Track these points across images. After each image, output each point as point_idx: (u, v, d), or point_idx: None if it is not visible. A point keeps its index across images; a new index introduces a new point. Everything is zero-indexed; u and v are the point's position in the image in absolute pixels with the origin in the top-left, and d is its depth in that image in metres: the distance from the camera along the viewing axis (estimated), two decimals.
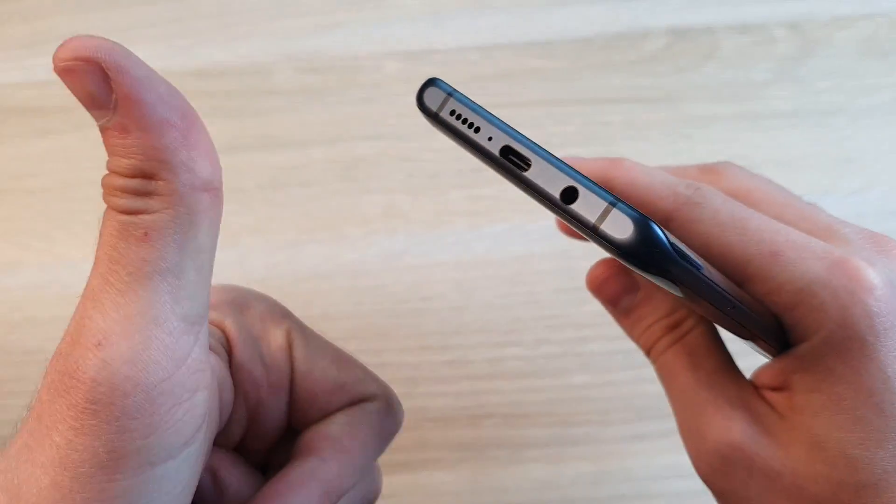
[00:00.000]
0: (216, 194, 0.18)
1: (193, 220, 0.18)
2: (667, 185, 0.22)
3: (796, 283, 0.20)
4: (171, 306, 0.17)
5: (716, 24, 0.42)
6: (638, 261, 0.16)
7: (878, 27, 0.42)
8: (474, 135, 0.19)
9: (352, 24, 0.42)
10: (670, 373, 0.24)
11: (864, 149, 0.41)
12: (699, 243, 0.21)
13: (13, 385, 0.39)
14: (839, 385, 0.20)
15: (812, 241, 0.21)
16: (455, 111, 0.20)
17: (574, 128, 0.41)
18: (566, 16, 0.42)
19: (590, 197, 0.16)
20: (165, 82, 0.18)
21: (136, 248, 0.17)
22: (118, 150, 0.17)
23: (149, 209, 0.17)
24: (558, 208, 0.17)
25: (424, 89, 0.20)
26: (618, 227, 0.16)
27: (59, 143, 0.41)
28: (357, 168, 0.41)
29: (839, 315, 0.19)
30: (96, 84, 0.16)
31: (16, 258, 0.40)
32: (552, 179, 0.17)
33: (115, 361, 0.17)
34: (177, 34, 0.42)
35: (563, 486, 0.38)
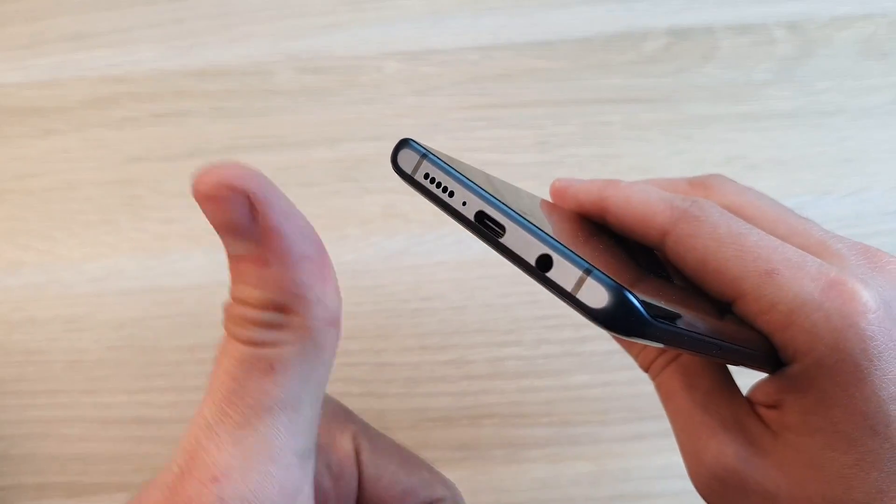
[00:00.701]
0: (340, 328, 0.18)
1: (319, 355, 0.17)
2: (663, 200, 0.22)
3: (789, 303, 0.20)
4: (288, 441, 0.17)
5: (715, 25, 0.42)
6: (615, 328, 0.16)
7: (877, 27, 0.42)
8: (449, 199, 0.19)
9: (352, 25, 0.43)
10: (667, 393, 0.24)
11: (863, 149, 0.41)
12: (695, 258, 0.21)
13: (13, 385, 0.39)
14: (834, 408, 0.20)
15: (808, 260, 0.20)
16: (429, 174, 0.20)
17: (574, 128, 0.41)
18: (566, 16, 0.42)
19: (564, 265, 0.16)
20: (301, 215, 0.18)
21: (259, 381, 0.16)
22: (252, 280, 0.16)
23: (278, 342, 0.16)
24: (534, 275, 0.17)
25: (398, 151, 0.20)
26: (593, 296, 0.16)
27: (59, 144, 0.41)
28: (357, 168, 0.41)
29: (832, 338, 0.19)
30: (240, 214, 0.16)
31: (16, 258, 0.40)
32: (527, 246, 0.17)
33: (232, 500, 0.16)
34: (177, 34, 0.42)
35: (563, 485, 0.38)
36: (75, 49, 0.42)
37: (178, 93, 0.41)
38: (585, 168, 0.41)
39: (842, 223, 0.40)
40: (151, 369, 0.39)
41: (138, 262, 0.40)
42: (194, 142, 0.41)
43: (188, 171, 0.41)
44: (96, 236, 0.40)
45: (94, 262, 0.40)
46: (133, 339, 0.39)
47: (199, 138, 0.41)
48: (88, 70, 0.42)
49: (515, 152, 0.41)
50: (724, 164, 0.41)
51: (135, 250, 0.40)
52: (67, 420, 0.39)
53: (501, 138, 0.41)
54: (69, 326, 0.39)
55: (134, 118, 0.41)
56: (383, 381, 0.39)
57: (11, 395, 0.39)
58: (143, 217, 0.41)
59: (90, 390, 0.39)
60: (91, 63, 0.42)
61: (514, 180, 0.42)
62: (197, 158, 0.41)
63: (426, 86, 0.42)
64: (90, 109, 0.42)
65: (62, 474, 0.38)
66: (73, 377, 0.39)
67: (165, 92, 0.42)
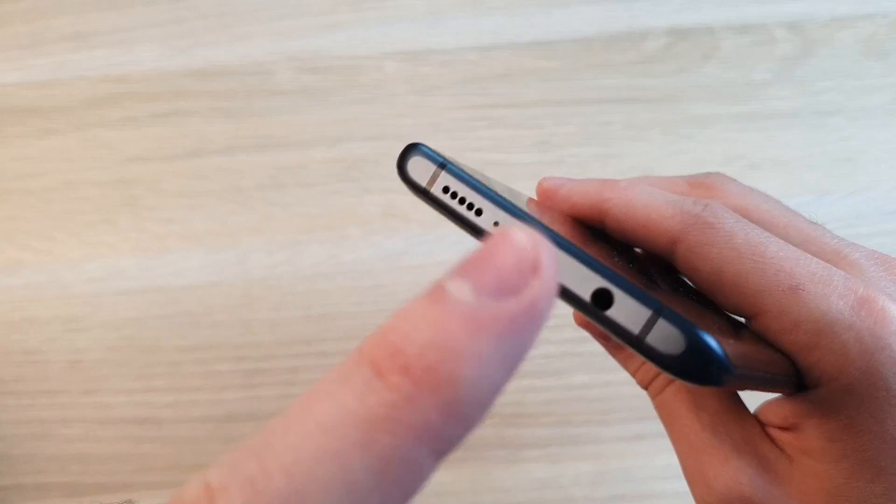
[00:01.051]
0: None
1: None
2: (671, 204, 0.21)
3: (816, 322, 0.18)
4: None
5: (716, 25, 0.42)
6: (690, 377, 0.14)
7: (877, 27, 0.42)
8: (476, 218, 0.16)
9: (352, 25, 0.42)
10: (670, 413, 0.23)
11: (864, 149, 0.41)
12: (710, 269, 0.20)
13: (13, 385, 0.39)
14: (862, 435, 0.18)
15: (834, 274, 0.19)
16: (449, 188, 0.17)
17: (574, 128, 0.41)
18: (566, 16, 0.42)
19: (628, 302, 0.14)
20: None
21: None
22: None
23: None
24: (590, 313, 0.15)
25: (407, 157, 0.17)
26: (666, 341, 0.14)
27: (59, 144, 0.41)
28: (357, 168, 0.41)
29: (863, 361, 0.18)
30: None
31: (16, 258, 0.40)
32: (581, 279, 0.15)
33: None
34: (177, 34, 0.42)
35: (563, 485, 0.38)
36: (75, 49, 0.42)
37: (177, 93, 0.41)
38: (586, 168, 0.41)
39: (842, 223, 0.40)
40: (151, 369, 0.39)
41: (138, 262, 0.40)
42: (194, 142, 0.41)
43: (188, 170, 0.41)
44: (96, 236, 0.40)
45: (94, 262, 0.40)
46: (132, 339, 0.39)
47: (199, 138, 0.41)
48: (88, 70, 0.42)
49: (515, 152, 0.41)
50: (724, 163, 0.41)
51: (134, 250, 0.40)
52: (67, 420, 0.39)
53: (501, 138, 0.41)
54: (69, 326, 0.39)
55: (134, 118, 0.41)
56: None
57: (11, 395, 0.39)
58: (143, 217, 0.41)
59: (90, 390, 0.39)
60: (91, 63, 0.42)
61: (514, 180, 0.42)
62: (197, 158, 0.41)
63: (426, 86, 0.42)
64: (90, 109, 0.42)
65: (62, 474, 0.38)
66: (73, 377, 0.39)
67: (165, 92, 0.41)
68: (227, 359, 0.39)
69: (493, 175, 0.43)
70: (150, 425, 0.38)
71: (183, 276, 0.40)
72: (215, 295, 0.39)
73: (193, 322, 0.39)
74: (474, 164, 0.42)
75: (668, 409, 0.23)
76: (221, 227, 0.40)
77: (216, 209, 0.41)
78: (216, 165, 0.41)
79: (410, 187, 0.17)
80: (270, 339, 0.39)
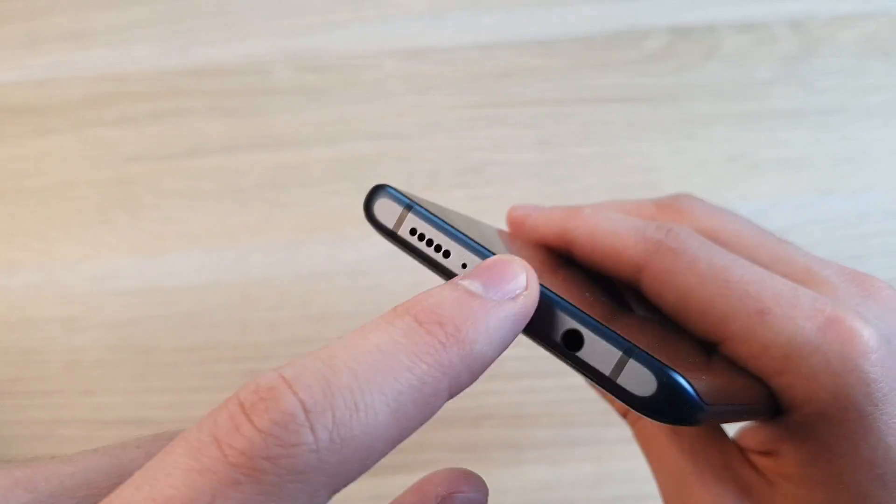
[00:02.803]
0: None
1: None
2: (634, 231, 0.20)
3: (784, 346, 0.18)
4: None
5: (717, 23, 0.42)
6: (663, 416, 0.14)
7: (879, 26, 0.42)
8: (444, 260, 0.17)
9: (352, 24, 0.42)
10: (649, 442, 0.23)
11: (865, 148, 0.41)
12: (675, 296, 0.19)
13: (11, 385, 0.39)
14: (837, 459, 0.18)
15: (800, 295, 0.19)
16: (416, 230, 0.17)
17: (574, 127, 0.41)
18: (566, 14, 0.42)
19: (598, 343, 0.14)
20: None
21: None
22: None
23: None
24: (561, 354, 0.15)
25: (373, 199, 0.17)
26: (638, 382, 0.14)
27: (56, 143, 0.41)
28: (357, 168, 0.41)
29: (832, 384, 0.18)
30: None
31: (14, 258, 0.40)
32: (550, 319, 0.15)
33: None
34: (176, 33, 0.42)
35: (564, 487, 0.38)
36: (73, 48, 0.42)
37: (176, 92, 0.41)
38: (586, 167, 0.40)
39: (844, 222, 0.40)
40: (149, 370, 0.39)
41: (136, 262, 0.40)
42: (192, 141, 0.41)
43: (186, 170, 0.41)
44: (94, 236, 0.40)
45: (92, 261, 0.40)
46: (131, 340, 0.39)
47: (198, 137, 0.41)
48: (86, 69, 0.42)
49: (516, 151, 0.41)
50: (725, 163, 0.41)
51: (132, 250, 0.40)
52: (65, 421, 0.38)
53: (502, 137, 0.41)
54: (66, 326, 0.39)
55: (132, 117, 0.41)
56: None
57: (8, 395, 0.39)
58: (141, 217, 0.40)
59: (88, 391, 0.39)
60: (88, 62, 0.42)
61: (514, 180, 0.42)
62: (195, 158, 0.41)
63: (426, 84, 0.42)
64: (88, 108, 0.42)
65: None
66: (71, 378, 0.39)
67: (163, 91, 0.41)
68: (225, 359, 0.39)
69: (493, 175, 0.43)
70: (148, 426, 0.38)
71: (181, 275, 0.40)
72: (214, 295, 0.39)
73: (192, 322, 0.39)
74: (474, 163, 0.42)
75: (646, 437, 0.23)
76: (220, 226, 0.40)
77: (215, 209, 0.40)
78: (215, 165, 0.41)
79: (377, 229, 0.17)
80: (269, 340, 0.39)
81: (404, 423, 0.14)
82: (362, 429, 0.13)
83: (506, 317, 0.15)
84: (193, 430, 0.13)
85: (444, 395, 0.15)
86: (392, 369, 0.14)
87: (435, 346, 0.14)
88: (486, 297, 0.15)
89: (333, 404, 0.13)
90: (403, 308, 0.15)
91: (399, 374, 0.14)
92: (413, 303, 0.15)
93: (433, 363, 0.14)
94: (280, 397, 0.13)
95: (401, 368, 0.14)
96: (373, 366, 0.14)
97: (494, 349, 0.15)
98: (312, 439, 0.12)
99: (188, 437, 0.13)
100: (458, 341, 0.14)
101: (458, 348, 0.14)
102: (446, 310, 0.15)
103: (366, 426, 0.13)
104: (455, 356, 0.14)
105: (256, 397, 0.13)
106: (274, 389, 0.13)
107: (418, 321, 0.14)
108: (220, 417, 0.13)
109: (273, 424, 0.12)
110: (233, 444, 0.12)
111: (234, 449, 0.12)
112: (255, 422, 0.13)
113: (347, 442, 0.13)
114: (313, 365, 0.14)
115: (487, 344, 0.15)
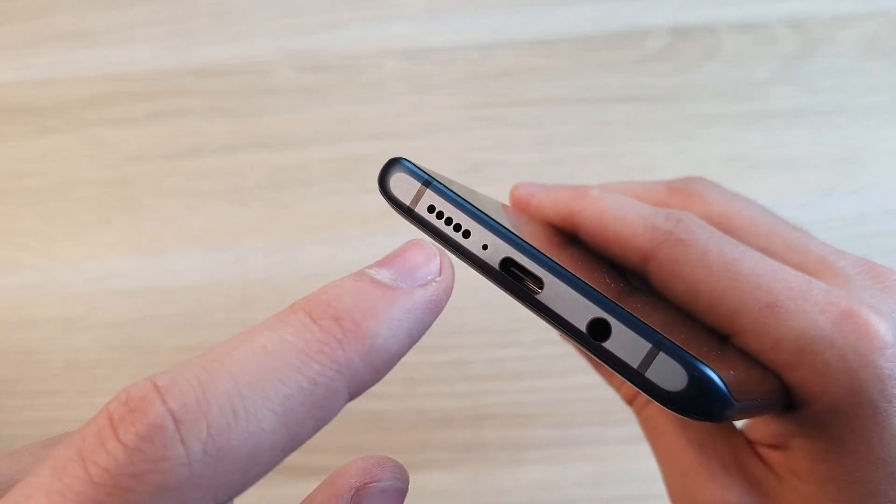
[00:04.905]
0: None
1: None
2: (643, 218, 0.20)
3: (797, 340, 0.18)
4: None
5: (717, 23, 0.42)
6: (691, 413, 0.13)
7: (879, 26, 0.42)
8: (463, 240, 0.16)
9: (352, 24, 0.42)
10: (655, 429, 0.22)
11: (865, 148, 0.41)
12: (684, 288, 0.19)
13: (11, 385, 0.39)
14: (849, 455, 0.18)
15: (814, 287, 0.18)
16: (434, 207, 0.16)
17: (574, 127, 0.41)
18: (567, 14, 0.42)
19: (626, 334, 0.14)
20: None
21: None
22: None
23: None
24: (586, 344, 0.14)
25: (388, 173, 0.16)
26: (667, 376, 0.13)
27: (56, 143, 0.41)
28: (357, 168, 0.41)
29: (847, 380, 0.17)
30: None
31: (14, 258, 0.40)
32: (574, 307, 0.14)
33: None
34: (176, 33, 0.42)
35: (564, 487, 0.38)
36: (73, 48, 0.42)
37: (176, 92, 0.41)
38: (586, 167, 0.40)
39: (845, 222, 0.40)
40: (149, 370, 0.38)
41: (136, 262, 0.40)
42: (192, 141, 0.41)
43: (186, 170, 0.41)
44: (94, 236, 0.40)
45: (92, 261, 0.40)
46: (130, 339, 0.39)
47: (198, 137, 0.41)
48: (86, 69, 0.42)
49: (516, 151, 0.41)
50: (725, 163, 0.41)
51: (132, 250, 0.40)
52: (65, 421, 0.38)
53: (502, 137, 0.41)
54: (66, 326, 0.39)
55: (132, 117, 0.41)
56: (383, 382, 0.38)
57: (8, 395, 0.39)
58: (141, 217, 0.40)
59: (87, 390, 0.39)
60: (88, 62, 0.42)
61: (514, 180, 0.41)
62: (195, 158, 0.41)
63: (426, 84, 0.42)
64: (88, 108, 0.42)
65: None
66: (71, 377, 0.39)
67: (163, 91, 0.41)
68: None
69: (493, 175, 0.43)
70: None
71: (181, 275, 0.40)
72: (214, 295, 0.39)
73: (192, 322, 0.39)
74: (474, 163, 0.42)
75: (653, 425, 0.22)
76: (220, 226, 0.40)
77: (215, 209, 0.40)
78: (215, 165, 0.41)
79: (393, 205, 0.16)
80: None
81: (295, 429, 0.13)
82: (243, 438, 0.12)
83: (413, 307, 0.14)
84: (61, 448, 0.12)
85: (343, 395, 0.13)
86: (277, 371, 0.13)
87: (329, 342, 0.13)
88: (393, 286, 0.14)
89: (208, 413, 0.12)
90: (299, 304, 0.14)
91: (286, 376, 0.13)
92: (310, 297, 0.14)
93: (327, 362, 0.13)
94: (148, 408, 0.12)
95: (288, 369, 0.13)
96: (256, 368, 0.13)
97: (401, 343, 0.14)
98: (183, 452, 0.12)
99: (56, 456, 0.12)
100: (357, 337, 0.13)
101: (357, 344, 0.13)
102: (345, 302, 0.14)
103: (247, 435, 0.12)
104: (353, 353, 0.13)
105: (126, 409, 0.12)
106: (144, 400, 0.12)
107: (312, 317, 0.13)
108: (88, 433, 0.12)
109: (139, 439, 0.12)
110: (97, 461, 0.12)
111: (98, 467, 0.12)
112: (121, 436, 0.12)
113: (225, 453, 0.12)
114: (191, 370, 0.13)
115: (392, 338, 0.14)
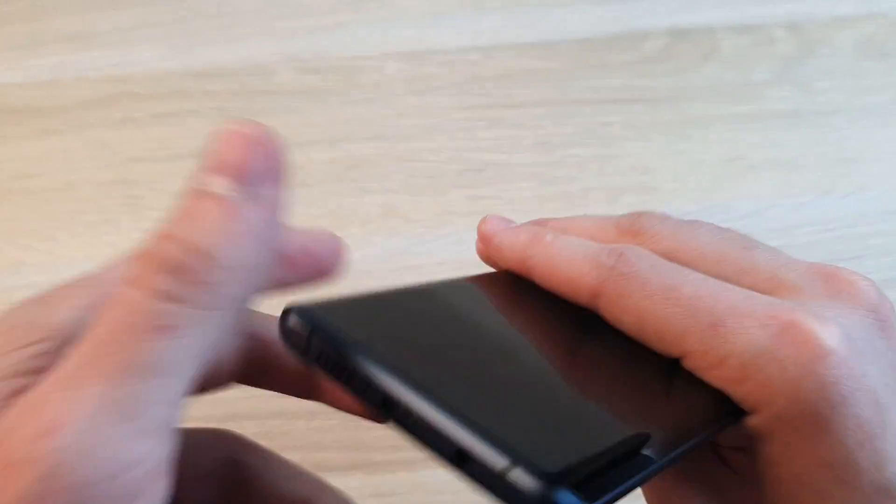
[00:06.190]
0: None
1: (222, 329, 0.16)
2: (588, 258, 0.20)
3: (740, 356, 0.18)
4: (149, 408, 0.15)
5: (715, 25, 0.42)
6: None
7: (877, 27, 0.42)
8: (347, 385, 0.15)
9: (352, 25, 0.43)
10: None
11: (863, 149, 0.41)
12: (632, 319, 0.20)
13: None
14: (798, 460, 0.18)
15: (755, 303, 0.19)
16: (323, 353, 0.15)
17: (574, 128, 0.41)
18: (566, 16, 0.42)
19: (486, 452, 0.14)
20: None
21: (148, 340, 0.15)
22: (213, 224, 0.17)
23: (189, 300, 0.16)
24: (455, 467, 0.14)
25: (284, 321, 0.16)
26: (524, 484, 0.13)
27: (59, 144, 0.41)
28: (357, 168, 0.41)
29: (789, 390, 0.18)
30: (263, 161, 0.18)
31: (17, 258, 0.40)
32: (439, 436, 0.14)
33: (66, 454, 0.14)
34: (177, 35, 0.42)
35: None
36: (75, 49, 0.42)
37: (178, 93, 0.41)
38: (585, 168, 0.41)
39: (842, 223, 0.40)
40: None
41: None
42: (194, 142, 0.41)
43: (189, 171, 0.41)
44: (97, 237, 0.40)
45: (95, 262, 0.40)
46: None
47: (200, 138, 0.41)
48: (88, 70, 0.42)
49: (515, 152, 0.41)
50: (723, 164, 0.41)
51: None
52: None
53: (501, 138, 0.41)
54: None
55: (134, 118, 0.41)
56: None
57: None
58: (144, 217, 0.41)
59: None
60: (91, 63, 0.42)
61: (514, 180, 0.42)
62: (197, 159, 0.41)
63: (426, 86, 0.42)
64: (90, 109, 0.42)
65: None
66: None
67: (165, 92, 0.41)
68: None
69: (493, 175, 0.42)
70: None
71: None
72: None
73: None
74: (474, 164, 0.42)
75: None
76: None
77: None
78: None
79: (293, 353, 0.16)
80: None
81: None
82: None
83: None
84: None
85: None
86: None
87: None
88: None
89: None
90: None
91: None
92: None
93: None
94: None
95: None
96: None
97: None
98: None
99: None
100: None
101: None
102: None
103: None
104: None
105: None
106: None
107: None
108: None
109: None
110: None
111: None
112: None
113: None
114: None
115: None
